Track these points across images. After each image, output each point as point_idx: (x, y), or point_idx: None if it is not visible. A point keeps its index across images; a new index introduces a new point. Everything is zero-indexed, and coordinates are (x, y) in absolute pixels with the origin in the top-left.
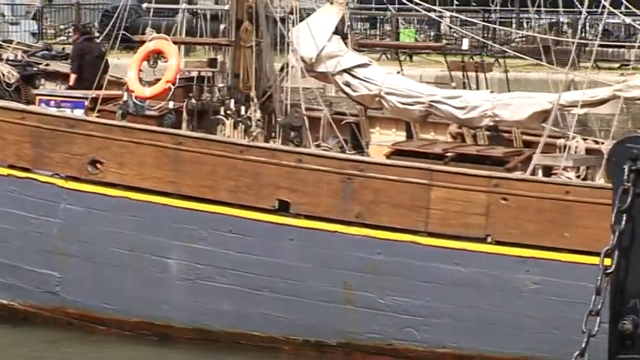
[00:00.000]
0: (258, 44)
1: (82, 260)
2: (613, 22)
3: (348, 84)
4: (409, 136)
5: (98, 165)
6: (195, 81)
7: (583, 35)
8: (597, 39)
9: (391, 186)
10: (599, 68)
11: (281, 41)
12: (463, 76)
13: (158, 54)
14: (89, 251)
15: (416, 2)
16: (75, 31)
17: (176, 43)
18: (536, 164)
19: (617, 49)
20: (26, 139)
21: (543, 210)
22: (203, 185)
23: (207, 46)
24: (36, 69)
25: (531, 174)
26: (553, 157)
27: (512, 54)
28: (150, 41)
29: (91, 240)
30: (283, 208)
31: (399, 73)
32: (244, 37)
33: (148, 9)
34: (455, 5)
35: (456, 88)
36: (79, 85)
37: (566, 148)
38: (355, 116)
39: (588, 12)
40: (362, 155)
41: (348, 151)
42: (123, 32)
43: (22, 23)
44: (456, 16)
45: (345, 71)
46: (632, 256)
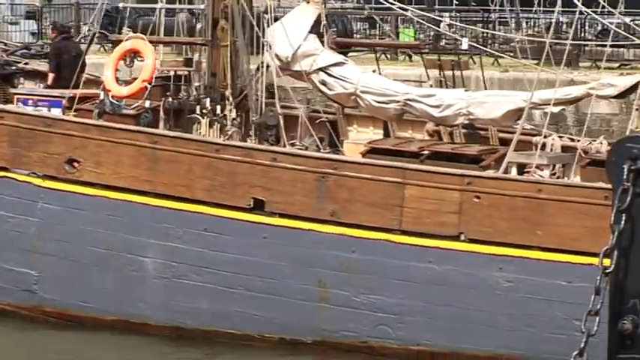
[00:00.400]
0: (234, 43)
1: (59, 259)
2: (613, 22)
3: (324, 83)
4: (386, 134)
5: (75, 164)
6: (172, 80)
7: (582, 35)
8: (569, 37)
9: (365, 184)
10: (599, 68)
11: (258, 40)
12: (440, 74)
13: (135, 53)
14: (66, 250)
15: (390, 2)
16: (53, 30)
17: (152, 42)
18: (511, 162)
19: (616, 49)
20: (4, 138)
21: (516, 208)
22: (179, 184)
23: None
24: (14, 68)
25: (506, 172)
26: (527, 155)
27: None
28: (126, 41)
29: (68, 239)
30: (258, 207)
31: (374, 72)
32: (220, 36)
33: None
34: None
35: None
36: (57, 84)
37: (542, 146)
38: (332, 114)
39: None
40: (337, 154)
41: (323, 150)
42: (101, 31)
43: (22, 23)
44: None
45: (320, 70)
46: (631, 256)
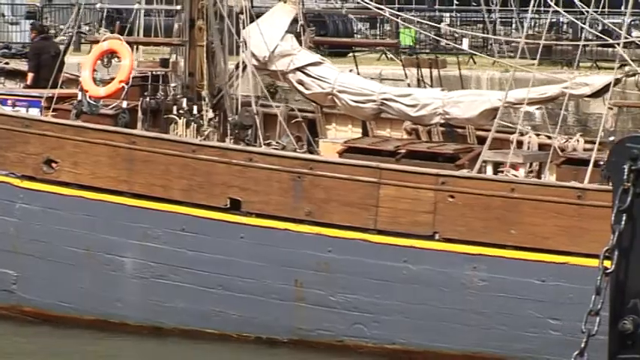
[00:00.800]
0: (211, 43)
1: (38, 259)
2: (612, 22)
3: (301, 82)
4: (365, 133)
5: (53, 164)
6: (150, 80)
7: (582, 35)
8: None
9: (341, 184)
10: (599, 68)
11: (235, 40)
12: (418, 73)
13: (112, 54)
14: (45, 250)
15: (366, 2)
16: (32, 31)
17: (129, 43)
18: (487, 160)
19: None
20: None
21: (490, 207)
22: (156, 184)
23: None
24: None
25: (481, 171)
26: (502, 154)
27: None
28: (104, 41)
29: (46, 239)
30: (235, 207)
31: (351, 72)
32: (197, 36)
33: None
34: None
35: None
36: (36, 84)
37: (519, 144)
38: (312, 112)
39: (571, 11)
40: (312, 153)
41: (299, 150)
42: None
43: (22, 23)
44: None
45: (298, 69)
46: (632, 256)
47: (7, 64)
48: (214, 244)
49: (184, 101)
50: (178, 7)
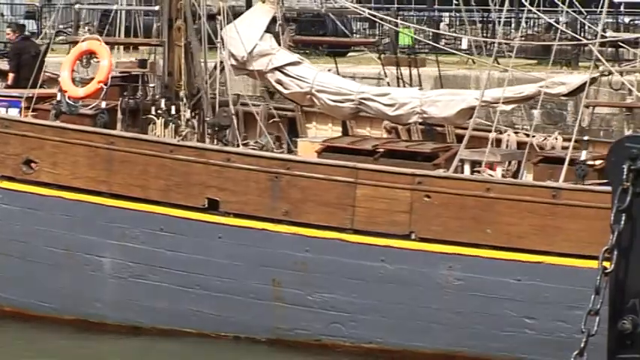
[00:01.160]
0: (189, 43)
1: (17, 259)
2: (612, 22)
3: (280, 82)
4: (345, 132)
5: (33, 165)
6: (129, 80)
7: (583, 35)
8: (518, 35)
9: (318, 184)
10: (597, 67)
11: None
12: (397, 72)
13: (91, 54)
14: (24, 250)
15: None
16: (13, 31)
17: (108, 43)
18: (465, 159)
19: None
20: None
21: (465, 207)
22: (134, 184)
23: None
24: None
25: (458, 170)
26: (480, 153)
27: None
28: (82, 42)
29: (26, 239)
30: (212, 207)
31: (330, 71)
32: (176, 36)
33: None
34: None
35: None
36: (17, 83)
37: (498, 142)
38: (292, 111)
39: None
40: (290, 153)
41: (276, 149)
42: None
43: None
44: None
45: (276, 69)
46: (631, 255)
47: None
48: (192, 244)
49: (163, 101)
50: (157, 8)
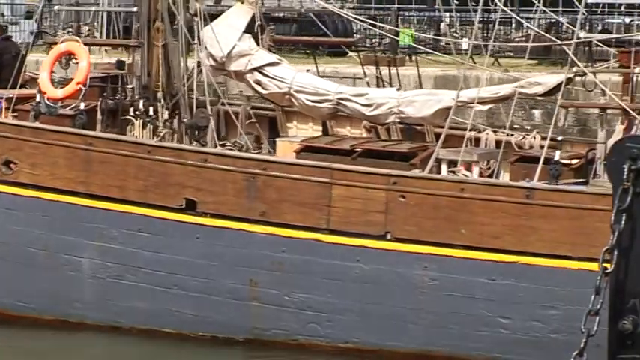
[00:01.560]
0: (166, 45)
1: None
2: (612, 22)
3: (258, 82)
4: (325, 131)
5: (12, 166)
6: (109, 81)
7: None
8: (492, 37)
9: (294, 185)
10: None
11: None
12: (376, 71)
13: (70, 55)
14: (4, 251)
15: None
16: None
17: (86, 44)
18: (443, 159)
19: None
20: None
21: (440, 207)
22: (112, 185)
23: None
24: None
25: (435, 169)
26: (457, 152)
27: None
28: (61, 43)
29: (5, 239)
30: (190, 207)
31: (308, 71)
32: (155, 37)
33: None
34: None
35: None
36: None
37: (477, 142)
38: (273, 110)
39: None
40: (268, 153)
41: (253, 150)
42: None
43: (22, 23)
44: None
45: (255, 69)
46: (631, 255)
47: None
48: (170, 244)
49: (141, 102)
50: (135, 9)
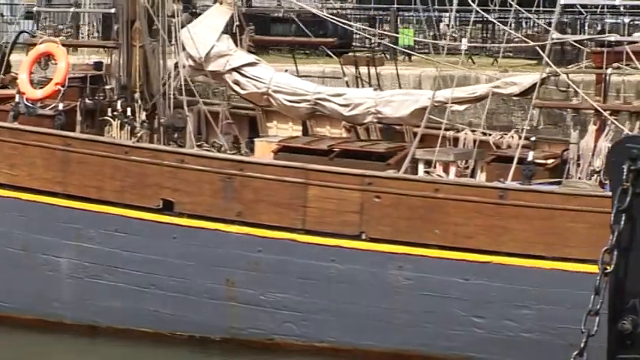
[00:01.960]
0: (142, 45)
1: None
2: (612, 22)
3: (237, 82)
4: (305, 131)
5: None
6: (88, 81)
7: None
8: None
9: (270, 185)
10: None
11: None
12: (356, 71)
13: (48, 56)
14: None
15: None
16: None
17: (65, 45)
18: (420, 159)
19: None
20: None
21: (414, 207)
22: (90, 185)
23: None
24: None
25: (409, 170)
26: (433, 152)
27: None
28: (40, 44)
29: None
30: (167, 208)
31: (286, 72)
32: (134, 37)
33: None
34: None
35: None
36: None
37: (455, 141)
38: (253, 110)
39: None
40: (244, 154)
41: (229, 150)
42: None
43: (21, 23)
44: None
45: (234, 70)
46: (631, 255)
47: None
48: (147, 244)
49: (119, 103)
50: (112, 11)
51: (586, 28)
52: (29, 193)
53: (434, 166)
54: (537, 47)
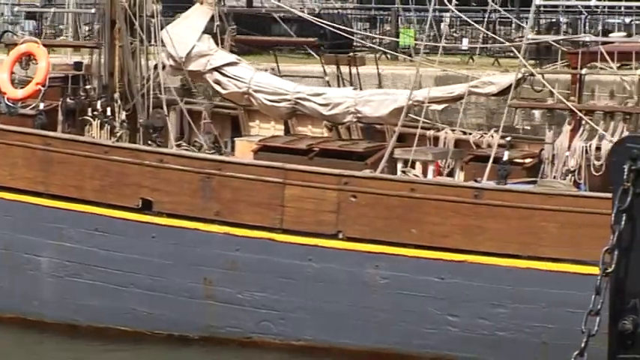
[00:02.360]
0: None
1: None
2: (612, 22)
3: (218, 82)
4: (287, 130)
5: None
6: (69, 81)
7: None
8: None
9: (248, 184)
10: (600, 68)
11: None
12: (337, 70)
13: (29, 56)
14: None
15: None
16: None
17: (46, 45)
18: (398, 158)
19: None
20: None
21: (391, 207)
22: (70, 185)
23: None
24: None
25: (386, 169)
26: (412, 151)
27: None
28: (21, 44)
29: None
30: (146, 207)
31: (267, 71)
32: (116, 37)
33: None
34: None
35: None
36: None
37: (436, 140)
38: (235, 109)
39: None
40: (222, 153)
41: (207, 150)
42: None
43: (22, 23)
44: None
45: (214, 70)
46: (632, 255)
47: None
48: (127, 243)
49: (99, 103)
50: (92, 11)
51: (587, 28)
52: (11, 193)
53: (411, 166)
54: (513, 48)
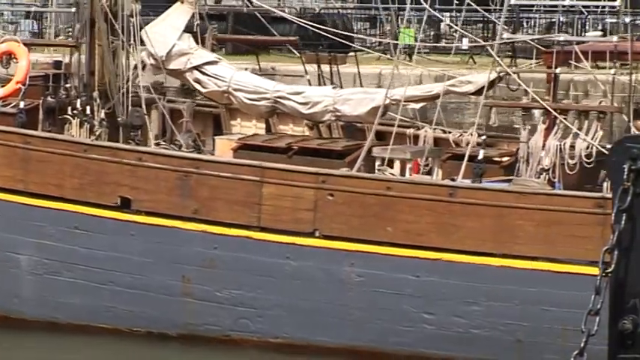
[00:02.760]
0: (105, 45)
1: None
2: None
3: (198, 81)
4: (268, 128)
5: None
6: (50, 80)
7: (583, 35)
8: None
9: (226, 183)
10: (598, 67)
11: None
12: (318, 69)
13: (10, 55)
14: None
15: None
16: None
17: (26, 44)
18: (377, 156)
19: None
20: None
21: (367, 205)
22: (50, 183)
23: None
24: None
25: (370, 167)
26: (391, 150)
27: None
28: (1, 43)
29: None
30: (125, 205)
31: (246, 70)
32: (96, 36)
33: None
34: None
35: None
36: None
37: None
38: (217, 107)
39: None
40: (201, 152)
41: (186, 148)
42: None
43: (22, 23)
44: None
45: (195, 68)
46: (631, 255)
47: None
48: (106, 241)
49: (78, 101)
50: (73, 10)
51: (587, 28)
52: None
53: (387, 164)
54: (488, 47)
